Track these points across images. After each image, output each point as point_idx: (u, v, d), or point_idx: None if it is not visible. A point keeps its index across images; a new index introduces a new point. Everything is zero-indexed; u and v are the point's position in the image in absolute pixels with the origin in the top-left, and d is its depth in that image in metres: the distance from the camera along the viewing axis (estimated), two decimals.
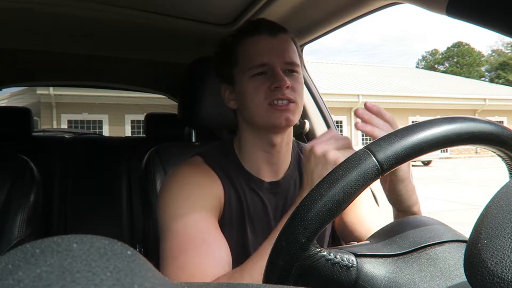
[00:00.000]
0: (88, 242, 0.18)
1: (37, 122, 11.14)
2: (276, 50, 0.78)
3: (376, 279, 0.42)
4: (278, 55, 0.77)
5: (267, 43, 0.78)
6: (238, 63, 0.80)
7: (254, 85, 0.77)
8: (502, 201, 0.31)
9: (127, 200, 1.82)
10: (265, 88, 0.77)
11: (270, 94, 0.76)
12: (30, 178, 1.03)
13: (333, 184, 0.42)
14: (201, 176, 0.79)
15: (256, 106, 0.78)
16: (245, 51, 0.79)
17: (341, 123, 16.04)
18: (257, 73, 0.77)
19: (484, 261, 0.27)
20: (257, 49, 0.78)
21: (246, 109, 0.81)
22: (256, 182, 0.84)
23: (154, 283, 0.18)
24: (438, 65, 45.03)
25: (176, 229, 0.71)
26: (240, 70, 0.80)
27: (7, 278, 0.15)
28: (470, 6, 0.59)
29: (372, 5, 0.94)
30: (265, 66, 0.77)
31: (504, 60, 41.60)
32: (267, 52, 0.77)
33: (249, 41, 0.79)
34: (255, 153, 0.84)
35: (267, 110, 0.77)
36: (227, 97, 0.86)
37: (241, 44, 0.80)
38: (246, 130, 0.85)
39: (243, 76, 0.79)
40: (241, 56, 0.79)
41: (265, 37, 0.78)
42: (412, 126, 0.45)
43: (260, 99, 0.77)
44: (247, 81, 0.78)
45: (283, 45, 0.79)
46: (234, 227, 0.81)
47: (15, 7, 1.06)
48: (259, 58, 0.77)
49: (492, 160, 13.68)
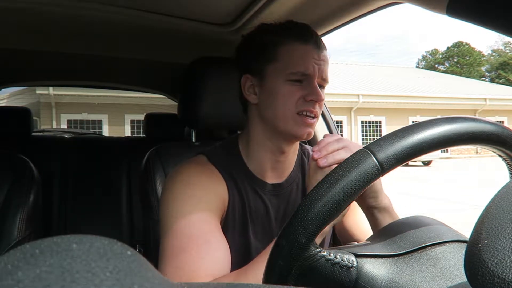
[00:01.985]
0: (87, 242, 0.18)
1: (36, 122, 11.14)
2: (318, 64, 0.78)
3: (376, 279, 0.42)
4: (319, 69, 0.78)
5: (314, 54, 0.77)
6: (276, 62, 0.78)
7: (289, 90, 0.76)
8: (502, 201, 0.31)
9: (127, 200, 1.82)
10: (299, 97, 0.76)
11: (303, 104, 0.76)
12: (30, 178, 1.03)
13: (333, 184, 0.42)
14: (205, 176, 0.79)
15: (284, 110, 0.77)
16: (290, 54, 0.77)
17: (341, 123, 16.04)
18: (295, 79, 0.77)
19: (484, 262, 0.27)
20: (304, 58, 0.77)
21: (270, 109, 0.79)
22: (259, 184, 0.84)
23: (154, 283, 0.17)
24: (439, 65, 45.04)
25: (177, 227, 0.71)
26: (276, 69, 0.78)
27: (6, 278, 0.15)
28: (470, 6, 0.59)
29: (372, 5, 0.94)
30: (306, 76, 0.77)
31: (505, 60, 41.60)
32: (312, 64, 0.77)
33: (296, 46, 0.77)
34: (262, 154, 0.83)
35: (294, 118, 0.77)
36: (247, 89, 0.83)
37: (285, 44, 0.78)
38: (258, 129, 0.83)
39: (279, 76, 0.77)
40: (283, 58, 0.77)
41: (313, 49, 0.77)
42: (412, 126, 0.45)
43: (291, 105, 0.76)
44: (282, 83, 0.77)
45: (324, 61, 0.79)
46: (236, 228, 0.81)
47: (15, 7, 1.06)
48: (304, 67, 0.76)
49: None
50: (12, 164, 1.03)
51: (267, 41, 0.80)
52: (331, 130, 1.41)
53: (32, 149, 1.75)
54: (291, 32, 0.79)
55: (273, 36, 0.79)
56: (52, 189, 1.75)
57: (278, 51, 0.78)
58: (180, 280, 0.66)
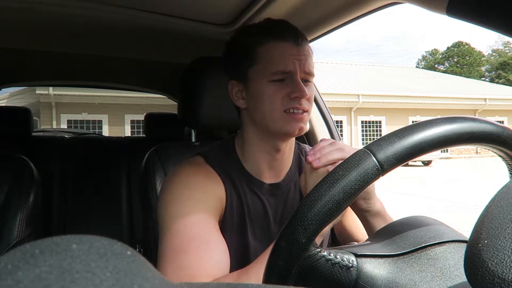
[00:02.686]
0: (87, 242, 0.18)
1: (36, 122, 11.14)
2: (299, 59, 0.77)
3: (376, 279, 0.42)
4: (300, 64, 0.77)
5: (293, 51, 0.76)
6: (256, 64, 0.78)
7: (273, 90, 0.76)
8: (502, 201, 0.31)
9: (127, 200, 1.82)
10: (283, 95, 0.76)
11: (288, 102, 0.76)
12: (30, 178, 1.03)
13: (333, 184, 0.42)
14: (203, 177, 0.79)
15: (271, 111, 0.77)
16: (268, 54, 0.77)
17: (341, 123, 16.04)
18: (277, 79, 0.76)
19: (484, 261, 0.27)
20: (282, 56, 0.76)
21: (259, 112, 0.79)
22: (257, 184, 0.84)
23: (154, 284, 0.17)
24: (438, 65, 45.04)
25: (176, 228, 0.71)
26: (258, 72, 0.78)
27: (6, 278, 0.15)
28: (470, 6, 0.59)
29: (372, 5, 0.94)
30: (287, 73, 0.76)
31: (505, 60, 41.61)
32: (292, 61, 0.76)
33: (273, 45, 0.77)
34: (257, 155, 0.83)
35: (283, 117, 0.76)
36: (235, 94, 0.83)
37: (263, 45, 0.77)
38: (251, 131, 0.83)
39: (262, 78, 0.77)
40: (263, 58, 0.77)
41: (291, 45, 0.77)
42: (413, 126, 0.45)
43: (277, 105, 0.76)
44: (266, 84, 0.77)
45: (305, 55, 0.78)
46: (234, 228, 0.81)
47: (15, 7, 1.06)
48: (284, 65, 0.76)
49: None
50: (12, 164, 1.03)
51: (247, 44, 0.80)
52: (331, 130, 1.41)
53: (32, 149, 1.75)
54: (268, 32, 0.78)
55: (251, 38, 0.79)
56: (52, 189, 1.75)
57: (257, 53, 0.78)
58: (181, 280, 0.66)
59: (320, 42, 77.60)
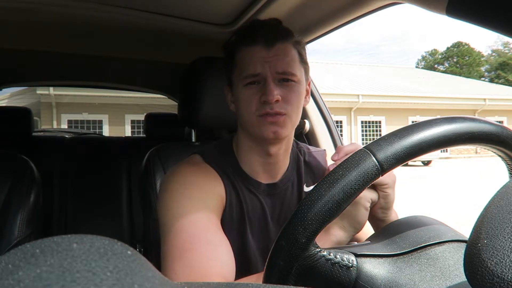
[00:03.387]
0: (88, 242, 0.18)
1: (37, 122, 11.13)
2: (269, 60, 0.76)
3: (376, 279, 0.42)
4: (271, 66, 0.76)
5: (262, 53, 0.76)
6: (235, 69, 0.80)
7: (247, 94, 0.77)
8: (502, 201, 0.31)
9: (127, 200, 1.82)
10: (257, 99, 0.76)
11: (260, 107, 0.76)
12: (30, 178, 1.03)
13: (333, 184, 0.42)
14: (202, 176, 0.79)
15: (247, 115, 0.78)
16: (241, 59, 0.79)
17: (341, 123, 16.03)
18: (250, 82, 0.77)
19: (484, 261, 0.27)
20: (251, 59, 0.77)
21: (240, 116, 0.81)
22: (253, 184, 0.84)
23: (154, 283, 0.18)
24: (438, 65, 45.03)
25: (180, 227, 0.70)
26: (236, 77, 0.80)
27: (7, 278, 0.15)
28: (470, 6, 0.59)
29: (372, 5, 0.94)
30: (258, 76, 0.76)
31: (504, 60, 41.59)
32: (260, 63, 0.76)
33: (244, 50, 0.78)
34: (251, 157, 0.84)
35: (258, 121, 0.77)
36: (229, 99, 0.86)
37: (237, 51, 0.79)
38: (243, 135, 0.84)
39: (238, 83, 0.79)
40: (237, 63, 0.79)
41: (260, 48, 0.76)
42: (412, 126, 0.45)
43: (251, 109, 0.76)
44: (241, 88, 0.78)
45: (277, 56, 0.77)
46: (234, 226, 0.81)
47: (15, 7, 1.06)
48: (252, 68, 0.76)
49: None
50: (12, 164, 1.03)
51: (230, 51, 0.82)
52: (331, 130, 1.41)
53: (32, 149, 1.76)
54: (241, 37, 0.80)
55: (232, 45, 0.82)
56: (52, 189, 1.76)
57: (235, 59, 0.80)
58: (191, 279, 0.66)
59: (320, 42, 77.62)
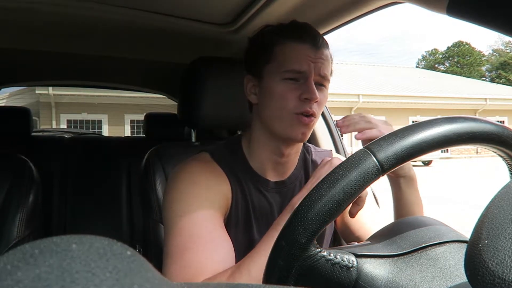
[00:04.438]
0: (87, 242, 0.18)
1: (36, 122, 11.14)
2: (315, 61, 0.77)
3: (376, 279, 0.42)
4: (315, 66, 0.77)
5: (310, 53, 0.77)
6: (272, 62, 0.78)
7: (284, 89, 0.76)
8: (502, 202, 0.31)
9: (127, 200, 1.82)
10: (295, 96, 0.76)
11: (299, 104, 0.76)
12: (29, 178, 1.03)
13: (333, 184, 0.41)
14: (210, 174, 0.79)
15: (280, 110, 0.77)
16: (285, 54, 0.77)
17: None
18: (290, 77, 0.77)
19: (485, 262, 0.27)
20: (298, 56, 0.76)
21: (268, 109, 0.79)
22: (262, 182, 0.84)
23: (154, 284, 0.17)
24: (439, 65, 45.04)
25: (182, 226, 0.71)
26: (273, 69, 0.78)
27: (6, 278, 0.15)
28: (471, 6, 0.59)
29: (372, 5, 0.94)
30: (301, 73, 0.76)
31: (505, 60, 41.60)
32: (307, 62, 0.76)
33: (291, 46, 0.77)
34: (263, 153, 0.84)
35: (290, 118, 0.76)
36: (249, 89, 0.84)
37: (281, 45, 0.78)
38: (259, 128, 0.83)
39: (275, 75, 0.77)
40: (278, 57, 0.78)
41: (308, 47, 0.77)
42: (413, 126, 0.45)
43: (287, 104, 0.76)
44: (278, 82, 0.77)
45: (322, 59, 0.78)
46: (240, 226, 0.81)
47: (15, 7, 1.06)
48: (298, 64, 0.76)
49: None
50: (11, 164, 1.03)
51: (266, 42, 0.81)
52: (331, 130, 1.41)
53: (31, 149, 1.76)
54: (288, 32, 0.79)
55: (271, 36, 0.80)
56: (52, 189, 1.75)
57: (274, 51, 0.79)
58: (186, 279, 0.66)
59: None
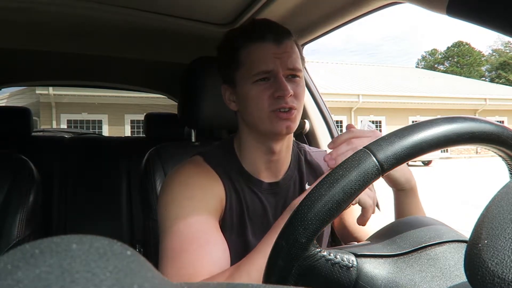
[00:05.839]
0: (87, 242, 0.18)
1: (36, 122, 11.14)
2: (280, 57, 0.77)
3: (376, 279, 0.42)
4: (282, 62, 0.77)
5: (273, 50, 0.77)
6: (241, 67, 0.79)
7: (257, 91, 0.77)
8: (502, 201, 0.31)
9: (127, 200, 1.82)
10: (268, 95, 0.76)
11: (274, 102, 0.76)
12: (30, 178, 1.03)
13: (333, 184, 0.41)
14: (203, 177, 0.79)
15: (258, 112, 0.77)
16: (249, 56, 0.78)
17: (341, 123, 16.03)
18: (260, 78, 0.77)
19: (484, 262, 0.27)
20: (262, 56, 0.77)
21: (248, 114, 0.80)
22: (256, 183, 0.84)
23: (154, 283, 0.17)
24: (438, 65, 45.02)
25: (177, 228, 0.71)
26: (243, 74, 0.79)
27: (6, 278, 0.15)
28: (471, 6, 0.59)
29: (372, 5, 0.94)
30: (269, 72, 0.77)
31: (505, 60, 41.58)
32: (272, 59, 0.77)
33: (253, 47, 0.78)
34: (254, 155, 0.84)
35: (269, 117, 0.77)
36: (228, 98, 0.85)
37: (245, 48, 0.79)
38: (246, 133, 0.84)
39: (246, 80, 0.78)
40: (245, 61, 0.79)
41: (271, 44, 0.77)
42: (412, 126, 0.45)
43: (263, 105, 0.77)
44: (250, 86, 0.78)
45: (287, 52, 0.78)
46: (234, 227, 0.81)
47: (15, 7, 1.06)
48: (264, 64, 0.76)
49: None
50: (11, 164, 1.03)
51: (231, 48, 0.81)
52: (331, 130, 1.41)
53: (32, 149, 1.75)
54: (249, 33, 0.80)
55: (234, 42, 0.81)
56: (52, 189, 1.75)
57: (241, 56, 0.79)
58: (181, 280, 0.67)
59: (320, 42, 77.64)
